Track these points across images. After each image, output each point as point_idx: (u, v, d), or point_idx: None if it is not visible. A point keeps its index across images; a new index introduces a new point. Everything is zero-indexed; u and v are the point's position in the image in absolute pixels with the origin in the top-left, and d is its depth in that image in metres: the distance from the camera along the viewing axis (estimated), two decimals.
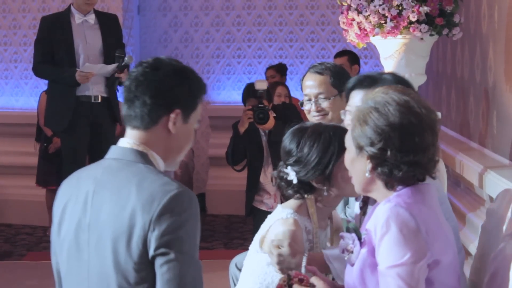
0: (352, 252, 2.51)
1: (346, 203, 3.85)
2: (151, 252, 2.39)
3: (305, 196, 3.09)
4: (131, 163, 2.51)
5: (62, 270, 2.60)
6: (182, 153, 2.64)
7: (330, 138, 3.06)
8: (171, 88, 2.54)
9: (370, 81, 3.18)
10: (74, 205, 2.55)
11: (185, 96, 2.57)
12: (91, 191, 2.52)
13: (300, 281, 2.62)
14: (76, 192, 2.57)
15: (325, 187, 3.05)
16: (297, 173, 3.04)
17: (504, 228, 2.81)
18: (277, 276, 2.96)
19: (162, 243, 2.38)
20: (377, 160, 2.50)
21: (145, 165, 2.50)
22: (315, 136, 3.07)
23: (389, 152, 2.48)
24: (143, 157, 2.52)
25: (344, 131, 2.88)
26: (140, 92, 2.52)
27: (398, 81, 3.18)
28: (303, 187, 3.08)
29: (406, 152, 2.47)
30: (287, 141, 3.10)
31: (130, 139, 2.56)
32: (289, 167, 3.05)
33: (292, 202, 3.12)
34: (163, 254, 2.38)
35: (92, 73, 6.77)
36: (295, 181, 3.05)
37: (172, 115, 2.53)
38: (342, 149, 2.82)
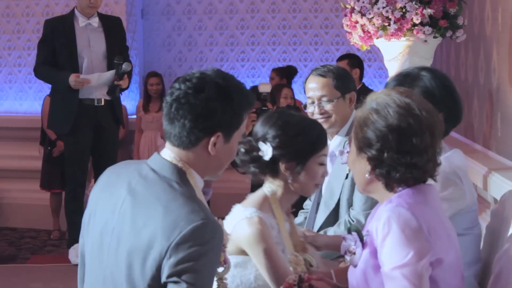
0: (354, 253, 2.51)
1: (350, 205, 3.85)
2: (163, 278, 2.35)
3: (267, 180, 3.04)
4: (167, 180, 2.46)
5: (86, 259, 2.59)
6: (223, 168, 2.61)
7: (318, 132, 3.06)
8: (213, 112, 2.46)
9: (411, 80, 3.17)
10: (106, 204, 2.53)
11: (228, 118, 2.50)
12: (122, 196, 2.48)
13: (311, 287, 2.60)
14: (111, 190, 2.54)
15: (291, 176, 3.01)
16: (275, 149, 2.97)
17: (508, 229, 2.81)
18: (245, 277, 2.94)
19: (175, 272, 2.32)
20: (375, 162, 2.52)
21: (180, 186, 2.45)
22: (303, 124, 3.04)
23: (386, 154, 2.49)
24: (181, 175, 2.48)
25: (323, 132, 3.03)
26: (181, 115, 2.45)
27: (436, 77, 3.18)
28: (269, 168, 3.00)
29: (404, 153, 2.48)
30: (274, 119, 3.04)
31: (172, 152, 2.52)
32: (267, 143, 2.98)
33: (254, 200, 3.03)
34: (175, 283, 2.33)
35: (88, 80, 6.78)
36: (267, 158, 2.98)
37: (213, 139, 2.48)
38: (323, 145, 2.89)
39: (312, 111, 3.94)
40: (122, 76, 6.87)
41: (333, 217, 3.91)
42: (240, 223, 2.94)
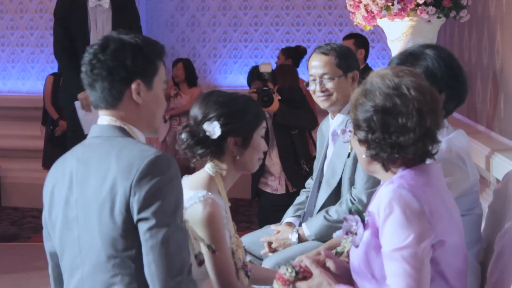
0: (356, 233, 2.51)
1: (352, 184, 3.84)
2: (135, 217, 2.42)
3: (211, 161, 3.05)
4: (110, 138, 2.55)
5: (58, 251, 2.62)
6: (157, 119, 2.66)
7: (257, 104, 3.11)
8: (123, 61, 2.54)
9: (413, 59, 3.16)
10: (61, 186, 2.58)
11: (140, 64, 2.56)
12: (74, 169, 2.55)
13: (304, 278, 2.59)
14: (61, 173, 2.60)
15: (238, 151, 3.02)
16: (222, 125, 2.98)
17: (510, 208, 2.80)
18: None
19: (143, 206, 2.40)
20: (365, 143, 2.53)
21: (124, 138, 2.55)
22: (246, 100, 3.07)
23: (371, 135, 2.50)
24: (122, 132, 2.56)
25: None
26: (96, 74, 2.55)
27: (440, 56, 3.16)
28: (215, 147, 3.02)
29: (389, 134, 2.48)
30: (206, 101, 3.05)
31: (106, 117, 2.59)
32: (215, 122, 2.99)
33: (200, 181, 3.03)
34: (145, 220, 2.40)
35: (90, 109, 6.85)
36: (215, 136, 2.99)
37: (133, 86, 2.55)
38: (263, 117, 2.94)
39: (314, 89, 3.93)
40: None
41: (335, 196, 3.91)
42: (193, 207, 2.93)
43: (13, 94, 9.33)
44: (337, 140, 3.91)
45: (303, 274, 2.58)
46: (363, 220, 2.51)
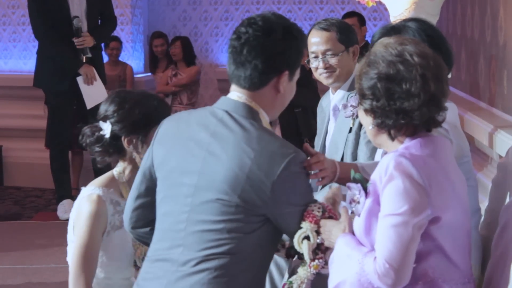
0: (358, 202, 2.51)
1: (355, 159, 3.83)
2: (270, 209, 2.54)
3: (115, 158, 3.10)
4: (243, 119, 2.60)
5: (158, 195, 2.71)
6: (284, 107, 2.76)
7: (156, 105, 3.09)
8: (282, 52, 2.62)
9: (395, 32, 3.18)
10: (185, 148, 2.64)
11: (294, 56, 2.66)
12: (205, 140, 2.60)
13: (329, 218, 2.62)
14: (186, 135, 2.65)
15: (134, 150, 3.06)
16: (113, 125, 3.03)
17: None
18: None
19: (284, 202, 2.55)
20: (371, 112, 2.54)
21: (258, 124, 2.61)
22: (140, 97, 3.09)
23: (376, 102, 2.50)
24: (254, 115, 2.63)
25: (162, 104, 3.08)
26: (253, 56, 2.59)
27: (421, 28, 3.18)
28: (113, 146, 3.06)
29: (393, 100, 2.49)
30: (111, 99, 3.10)
31: (241, 94, 2.65)
32: (107, 121, 3.03)
33: (99, 180, 3.10)
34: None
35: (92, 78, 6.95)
36: (107, 135, 3.04)
37: (282, 77, 2.63)
38: (162, 117, 2.88)
39: (316, 66, 3.90)
40: (77, 33, 6.99)
41: None
42: (81, 202, 3.04)
43: (15, 74, 9.30)
44: (338, 116, 3.90)
45: (329, 214, 2.62)
46: (365, 189, 2.52)
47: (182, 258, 2.57)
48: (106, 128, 3.04)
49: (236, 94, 2.65)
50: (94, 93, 6.94)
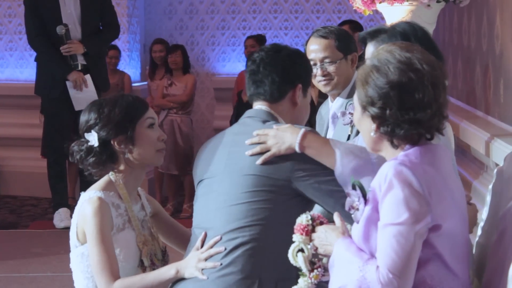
0: (358, 209, 2.50)
1: None
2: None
3: (109, 167, 3.09)
4: (264, 120, 2.98)
5: (197, 194, 3.07)
6: (300, 122, 3.07)
7: (133, 100, 3.11)
8: (294, 66, 3.02)
9: (381, 32, 3.16)
10: (211, 154, 3.03)
11: (304, 72, 3.07)
12: (228, 140, 3.00)
13: (321, 223, 2.64)
14: (218, 145, 3.04)
15: (127, 150, 3.06)
16: (98, 133, 3.04)
17: None
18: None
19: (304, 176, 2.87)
20: (379, 120, 2.50)
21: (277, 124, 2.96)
22: (115, 98, 3.11)
23: (388, 111, 2.47)
24: (274, 119, 2.99)
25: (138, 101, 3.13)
26: (269, 71, 3.00)
27: (411, 28, 3.15)
28: (105, 152, 3.06)
29: (407, 110, 2.46)
30: (88, 109, 3.10)
31: (261, 105, 3.03)
32: (92, 131, 3.04)
33: (97, 184, 3.10)
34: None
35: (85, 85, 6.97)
36: (96, 144, 3.04)
37: (297, 89, 3.02)
38: (141, 109, 3.03)
39: (315, 73, 3.90)
40: (62, 41, 7.05)
41: None
42: (82, 207, 3.03)
43: (11, 82, 9.31)
44: (337, 123, 3.90)
45: (319, 219, 2.66)
46: (364, 196, 2.51)
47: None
48: (93, 138, 3.05)
49: (258, 105, 3.03)
50: (83, 98, 6.95)
